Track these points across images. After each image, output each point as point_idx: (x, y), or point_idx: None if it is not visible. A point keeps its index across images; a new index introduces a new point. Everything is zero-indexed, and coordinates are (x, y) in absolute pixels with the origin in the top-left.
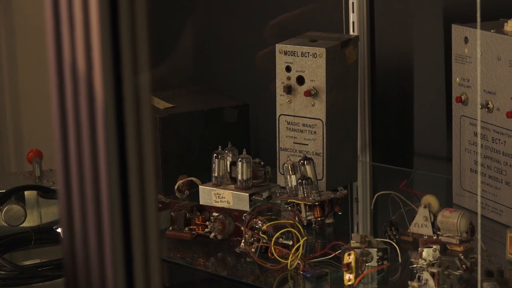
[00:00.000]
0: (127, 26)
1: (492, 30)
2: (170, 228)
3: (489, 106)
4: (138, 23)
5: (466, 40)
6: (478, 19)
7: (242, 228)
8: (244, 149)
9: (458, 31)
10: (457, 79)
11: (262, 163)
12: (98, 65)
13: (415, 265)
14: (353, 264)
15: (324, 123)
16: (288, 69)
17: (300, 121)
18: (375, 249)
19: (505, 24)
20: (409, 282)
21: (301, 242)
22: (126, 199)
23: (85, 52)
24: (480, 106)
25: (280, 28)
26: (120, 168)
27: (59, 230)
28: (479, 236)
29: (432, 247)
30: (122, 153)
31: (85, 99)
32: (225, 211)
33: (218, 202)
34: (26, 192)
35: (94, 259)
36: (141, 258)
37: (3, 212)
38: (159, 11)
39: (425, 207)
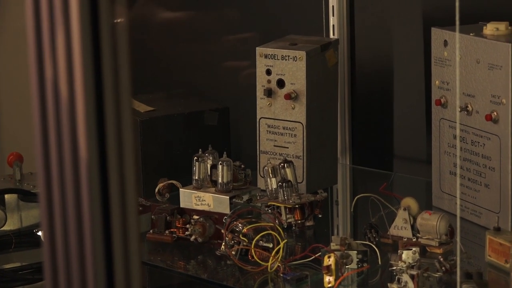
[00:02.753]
0: (108, 29)
1: (471, 34)
2: (151, 231)
3: (468, 109)
4: (119, 30)
5: (445, 43)
6: (457, 23)
7: (222, 231)
8: (225, 152)
9: (437, 34)
10: (437, 82)
11: (242, 166)
12: (78, 67)
13: (394, 267)
14: (333, 266)
15: (304, 126)
16: (268, 72)
17: (281, 124)
18: (355, 252)
19: (484, 27)
20: (388, 284)
21: (281, 244)
22: (106, 203)
23: (66, 56)
24: (459, 109)
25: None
26: (101, 172)
27: (39, 233)
28: (458, 238)
29: (411, 249)
30: (103, 156)
31: (66, 103)
32: (205, 214)
33: (198, 205)
34: (6, 196)
35: (74, 262)
36: (121, 261)
37: None
38: (139, 14)
39: (404, 209)
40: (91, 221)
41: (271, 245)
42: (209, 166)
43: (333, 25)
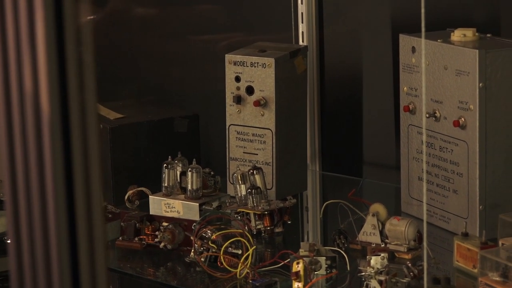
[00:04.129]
0: (72, 30)
1: (439, 40)
2: (120, 238)
3: (436, 115)
4: (84, 30)
5: (413, 49)
6: (423, 29)
7: (191, 238)
8: (194, 159)
9: (405, 41)
10: (405, 88)
11: (212, 173)
12: (44, 80)
13: (363, 273)
14: (301, 272)
15: (274, 133)
16: (237, 79)
17: (250, 131)
18: (324, 258)
19: (452, 34)
20: None
21: (250, 251)
22: (72, 210)
23: (31, 66)
24: (427, 115)
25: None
26: (67, 179)
27: (8, 241)
28: (425, 244)
29: (380, 255)
30: (68, 163)
31: (31, 111)
32: (175, 221)
33: (168, 212)
34: None
35: (41, 269)
36: (87, 269)
37: None
38: (108, 22)
39: (373, 215)
40: (57, 228)
41: (240, 252)
42: (178, 173)
43: (302, 32)
